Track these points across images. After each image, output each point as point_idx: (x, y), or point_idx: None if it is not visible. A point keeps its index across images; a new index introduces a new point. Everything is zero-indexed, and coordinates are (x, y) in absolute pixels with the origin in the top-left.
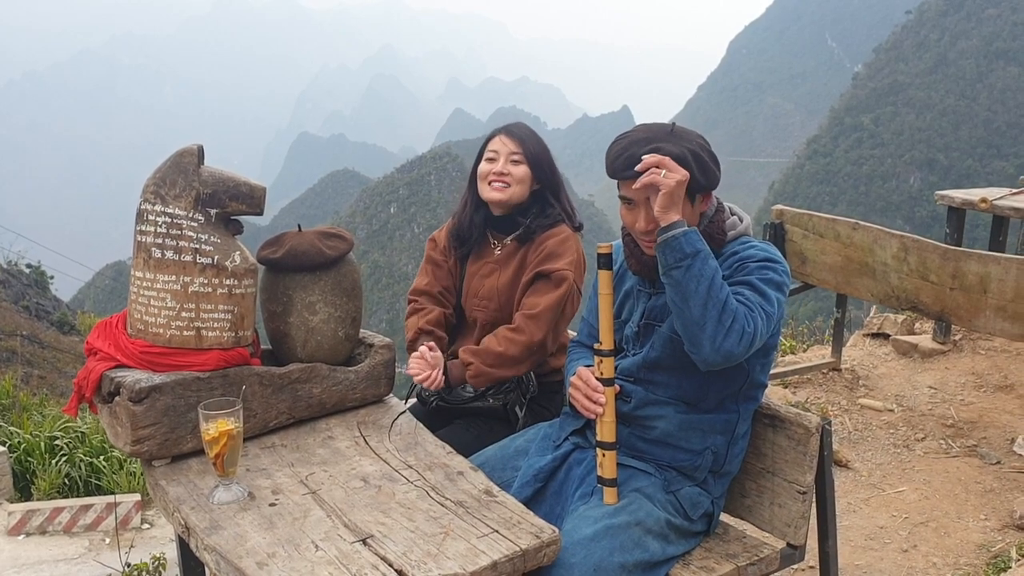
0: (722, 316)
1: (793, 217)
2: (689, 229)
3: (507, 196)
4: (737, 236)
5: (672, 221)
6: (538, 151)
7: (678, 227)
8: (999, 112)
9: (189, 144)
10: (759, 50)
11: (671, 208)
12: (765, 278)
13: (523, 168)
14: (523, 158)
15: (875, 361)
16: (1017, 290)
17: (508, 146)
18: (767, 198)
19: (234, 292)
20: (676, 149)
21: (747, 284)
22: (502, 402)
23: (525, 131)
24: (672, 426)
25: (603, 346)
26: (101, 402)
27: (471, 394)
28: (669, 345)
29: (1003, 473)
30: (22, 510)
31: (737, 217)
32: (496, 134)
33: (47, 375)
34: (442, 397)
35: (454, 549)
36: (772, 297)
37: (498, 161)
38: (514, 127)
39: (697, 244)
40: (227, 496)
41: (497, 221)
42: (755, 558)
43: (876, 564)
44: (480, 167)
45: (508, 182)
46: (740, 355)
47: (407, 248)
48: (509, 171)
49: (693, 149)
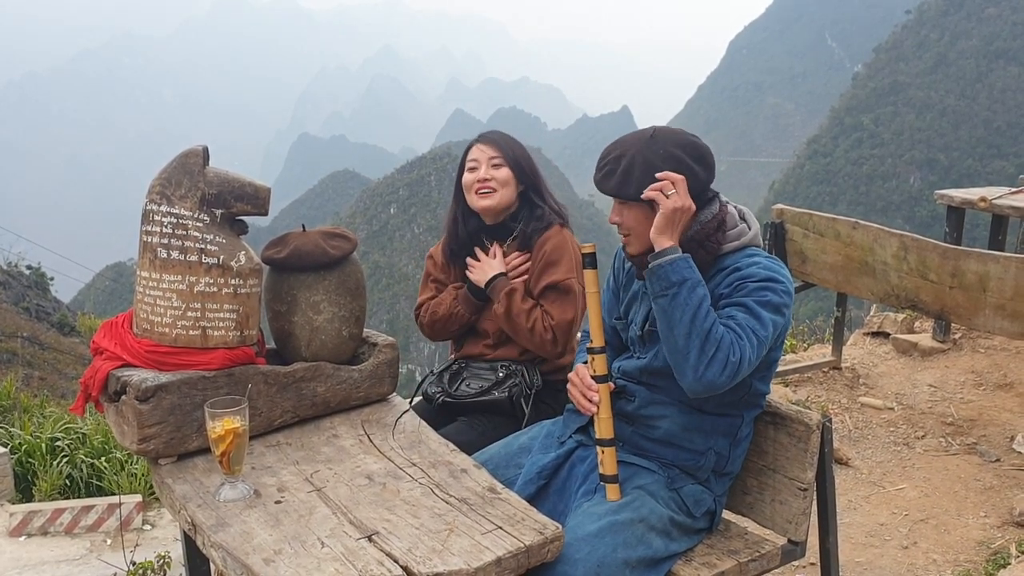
0: (705, 345)
1: (793, 216)
2: (679, 257)
3: (495, 202)
4: (743, 246)
5: (664, 247)
6: (516, 153)
7: (668, 254)
8: (999, 112)
9: (194, 145)
10: (759, 50)
11: (666, 232)
12: (763, 300)
13: (504, 171)
14: (503, 161)
15: (875, 360)
16: (1016, 288)
17: (486, 152)
18: (767, 198)
19: (239, 292)
20: (633, 155)
21: (742, 306)
22: (508, 395)
23: (500, 136)
24: (675, 426)
25: (594, 344)
26: (107, 401)
27: (476, 391)
28: None
29: (1003, 471)
30: (23, 511)
31: (746, 224)
32: (473, 144)
33: (47, 376)
34: (448, 394)
35: (458, 545)
36: (767, 320)
37: (479, 169)
38: (488, 134)
39: (684, 272)
40: (233, 494)
41: (490, 229)
42: (756, 554)
43: (877, 561)
44: (464, 178)
45: (493, 187)
46: (724, 384)
47: (407, 249)
48: (492, 175)
49: (664, 152)
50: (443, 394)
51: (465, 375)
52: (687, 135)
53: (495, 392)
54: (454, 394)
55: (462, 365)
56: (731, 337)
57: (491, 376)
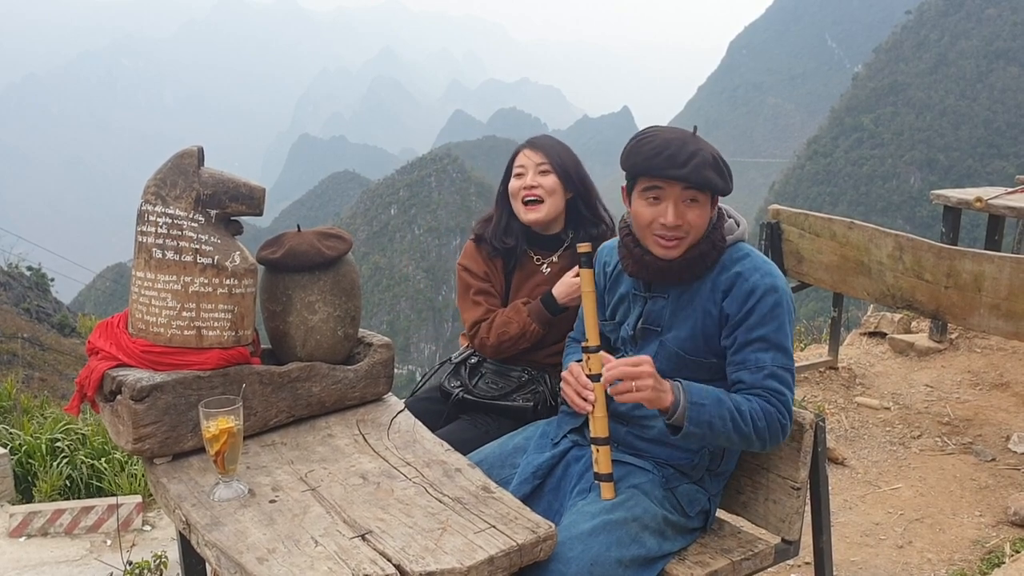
0: (757, 432)
1: (789, 217)
2: (687, 408)
3: (544, 214)
4: (734, 241)
5: (667, 406)
6: (564, 159)
7: (675, 411)
8: (999, 112)
9: (189, 146)
10: (759, 50)
11: (659, 397)
12: (779, 325)
13: (552, 178)
14: (551, 168)
15: (872, 360)
16: (1011, 288)
17: (533, 158)
18: (767, 198)
19: (234, 292)
20: (710, 150)
21: (764, 342)
22: (533, 403)
23: (549, 141)
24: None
25: (589, 343)
26: (103, 401)
27: (496, 392)
28: (674, 360)
29: (998, 470)
30: (24, 512)
31: (734, 221)
32: (521, 149)
33: (48, 377)
34: (469, 390)
35: (451, 544)
36: (790, 346)
37: (526, 175)
38: (538, 139)
39: (702, 414)
40: (228, 493)
41: (539, 239)
42: (750, 553)
43: (872, 560)
44: (511, 184)
45: (539, 195)
46: (788, 429)
47: (407, 250)
48: (539, 183)
49: (718, 154)
50: (463, 390)
51: (483, 371)
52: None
53: (518, 398)
54: (474, 391)
55: (480, 358)
56: (771, 408)
57: (511, 377)
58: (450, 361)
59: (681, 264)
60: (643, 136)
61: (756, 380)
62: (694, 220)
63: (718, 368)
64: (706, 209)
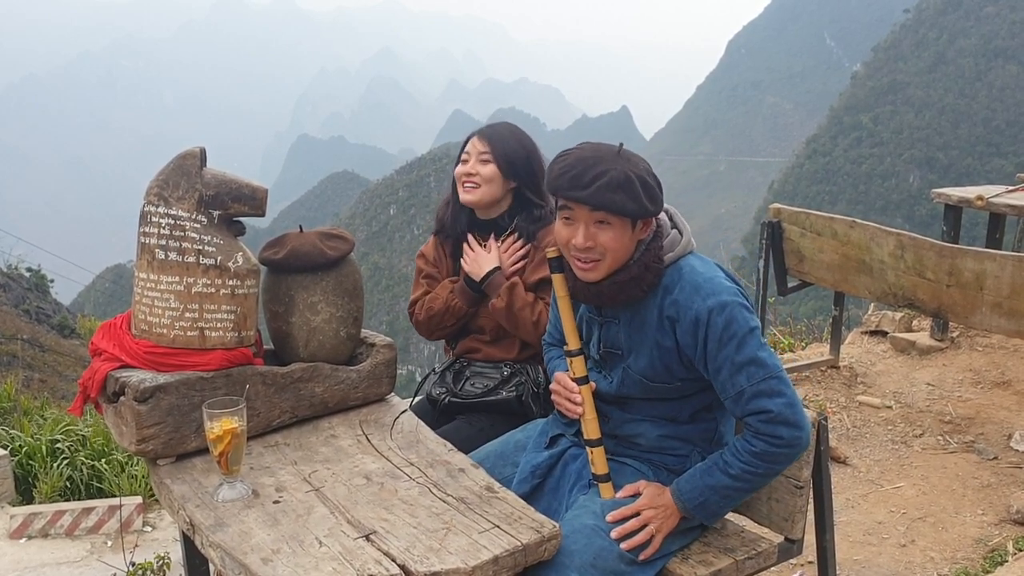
0: (763, 479)
1: (790, 216)
2: (694, 512)
3: (476, 197)
4: (676, 258)
5: (674, 505)
6: (509, 149)
7: (687, 510)
8: (998, 110)
9: (191, 147)
10: (758, 49)
11: (670, 518)
12: (738, 342)
13: (491, 168)
14: (491, 157)
15: (873, 358)
16: (1012, 286)
17: (478, 147)
18: (767, 197)
19: (237, 293)
20: (623, 169)
21: (730, 364)
22: (517, 394)
23: (499, 130)
24: (654, 438)
25: (570, 347)
26: (106, 402)
27: (481, 390)
28: (639, 385)
29: (1000, 468)
30: (24, 513)
31: (677, 231)
32: (471, 136)
33: (48, 378)
34: (454, 393)
35: (456, 544)
36: (760, 352)
37: (469, 162)
38: (489, 127)
39: (707, 508)
40: (231, 494)
41: (482, 223)
42: (753, 552)
43: (874, 559)
44: (456, 169)
45: (477, 182)
46: (798, 435)
47: (407, 250)
48: (477, 171)
49: (639, 173)
50: (448, 394)
51: (468, 374)
52: (645, 160)
53: (502, 391)
54: (459, 394)
55: (464, 364)
56: (761, 442)
57: (495, 375)
58: (434, 371)
59: (612, 288)
60: (560, 154)
61: (741, 410)
62: (607, 243)
63: (686, 386)
64: (622, 231)
